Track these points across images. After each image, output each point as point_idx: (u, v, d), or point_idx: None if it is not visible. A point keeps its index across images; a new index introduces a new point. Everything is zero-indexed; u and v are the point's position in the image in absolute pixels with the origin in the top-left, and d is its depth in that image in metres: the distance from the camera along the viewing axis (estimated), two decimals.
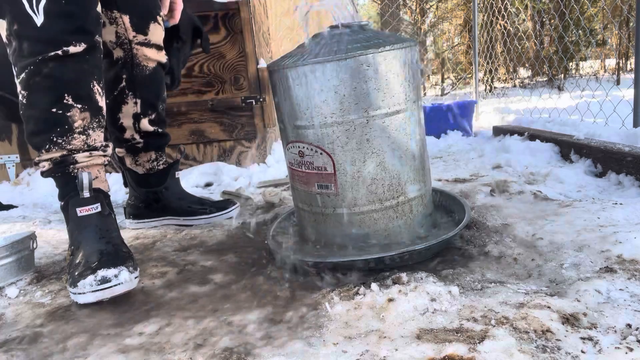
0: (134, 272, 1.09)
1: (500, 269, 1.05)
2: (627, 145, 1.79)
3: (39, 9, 1.10)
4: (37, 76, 1.14)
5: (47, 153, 1.20)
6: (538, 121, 2.86)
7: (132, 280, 1.07)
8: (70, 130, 1.18)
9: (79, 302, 1.06)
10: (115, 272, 1.05)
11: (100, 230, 1.18)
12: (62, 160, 1.20)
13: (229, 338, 0.87)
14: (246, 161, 2.61)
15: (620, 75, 8.77)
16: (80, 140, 1.21)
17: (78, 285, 1.04)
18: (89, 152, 1.23)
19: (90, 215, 1.18)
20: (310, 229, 1.26)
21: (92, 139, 1.23)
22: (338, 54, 1.07)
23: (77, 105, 1.18)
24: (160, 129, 1.61)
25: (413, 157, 1.17)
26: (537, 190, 1.61)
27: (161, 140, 1.63)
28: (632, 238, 1.04)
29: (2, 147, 2.60)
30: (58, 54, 1.13)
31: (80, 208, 1.18)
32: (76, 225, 1.18)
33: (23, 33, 1.12)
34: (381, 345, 0.77)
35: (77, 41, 1.15)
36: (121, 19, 1.44)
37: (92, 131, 1.23)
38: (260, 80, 2.52)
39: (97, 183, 1.25)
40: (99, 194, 1.23)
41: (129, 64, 1.49)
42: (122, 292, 1.06)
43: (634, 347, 0.71)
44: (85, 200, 1.18)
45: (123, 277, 1.05)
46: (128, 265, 1.09)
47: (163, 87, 1.62)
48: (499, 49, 5.52)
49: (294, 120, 1.16)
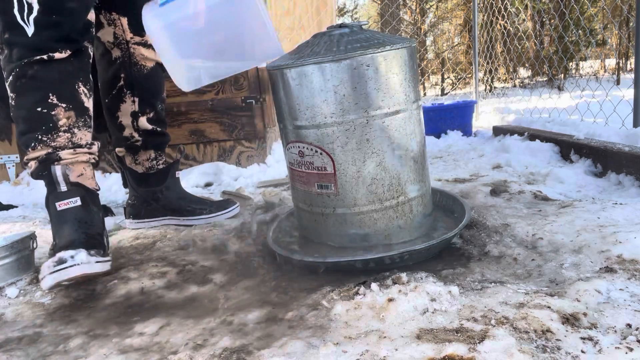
0: (96, 256, 1.09)
1: (500, 269, 1.05)
2: (627, 145, 1.79)
3: (29, 20, 1.17)
4: (24, 78, 1.20)
5: (34, 151, 1.23)
6: (538, 121, 2.86)
7: (90, 263, 1.06)
8: (55, 128, 1.22)
9: (42, 289, 1.05)
10: (72, 253, 1.05)
11: (79, 222, 1.19)
12: (47, 157, 1.22)
13: (229, 338, 0.87)
14: (246, 161, 2.61)
15: (620, 75, 8.77)
16: (65, 138, 1.23)
17: (40, 271, 1.05)
18: (73, 150, 1.25)
19: (69, 209, 1.20)
20: (310, 229, 1.26)
21: (77, 137, 1.26)
22: (338, 54, 1.07)
23: (62, 104, 1.22)
24: (159, 128, 1.61)
25: (413, 157, 1.17)
26: (537, 190, 1.61)
27: (160, 139, 1.63)
28: (632, 238, 1.04)
29: (2, 147, 2.60)
30: (43, 58, 1.19)
31: (59, 202, 1.19)
32: (57, 219, 1.20)
33: (13, 41, 1.19)
34: (381, 345, 0.77)
35: (62, 48, 1.21)
36: (119, 21, 1.47)
37: (78, 130, 1.25)
38: (260, 80, 2.52)
39: (83, 180, 1.27)
40: (80, 188, 1.24)
41: (126, 63, 1.51)
42: (79, 274, 1.03)
43: (634, 347, 0.71)
44: (64, 194, 1.21)
45: (80, 258, 1.04)
46: (92, 249, 1.09)
47: (162, 87, 1.63)
48: (499, 49, 5.52)
49: (294, 121, 1.16)
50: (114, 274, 1.21)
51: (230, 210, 1.66)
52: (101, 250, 1.14)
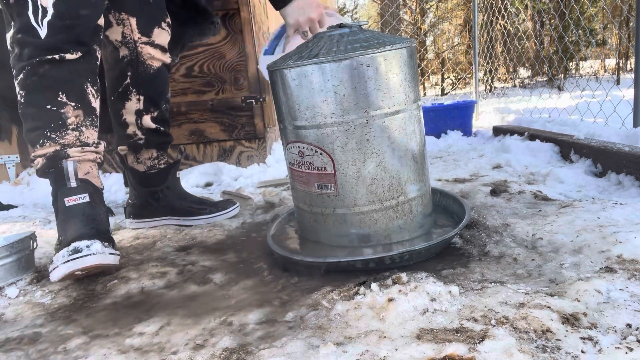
0: (109, 247, 1.11)
1: (500, 269, 1.05)
2: (627, 145, 1.79)
3: (43, 22, 1.19)
4: (34, 76, 1.22)
5: (42, 148, 1.24)
6: (538, 121, 2.86)
7: (105, 254, 1.08)
8: (63, 126, 1.24)
9: (52, 279, 1.06)
10: (88, 243, 1.07)
11: (88, 218, 1.21)
12: (55, 154, 1.24)
13: (229, 338, 0.87)
14: (246, 161, 2.61)
15: (620, 75, 8.77)
16: (73, 136, 1.26)
17: (53, 261, 1.05)
18: (81, 148, 1.27)
19: (78, 205, 1.21)
20: (310, 229, 1.26)
21: (84, 136, 1.28)
22: (338, 54, 1.07)
23: (71, 103, 1.25)
24: (163, 128, 1.62)
25: (413, 157, 1.17)
26: (537, 190, 1.61)
27: (163, 139, 1.64)
28: (632, 238, 1.04)
29: (2, 147, 2.60)
30: (55, 58, 1.21)
31: (68, 198, 1.21)
32: (64, 215, 1.21)
33: (26, 41, 1.21)
34: (381, 345, 0.77)
35: (74, 50, 1.23)
36: (128, 21, 1.48)
37: (85, 129, 1.28)
38: (260, 80, 2.52)
39: (89, 178, 1.29)
40: (88, 185, 1.26)
41: (134, 62, 1.52)
42: (94, 264, 1.04)
43: (634, 347, 0.71)
44: (73, 189, 1.22)
45: (95, 248, 1.06)
46: (104, 240, 1.11)
47: (167, 87, 1.65)
48: (499, 49, 5.52)
49: (294, 121, 1.16)
50: (114, 273, 1.21)
51: (230, 210, 1.67)
52: (114, 245, 1.17)
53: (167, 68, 1.62)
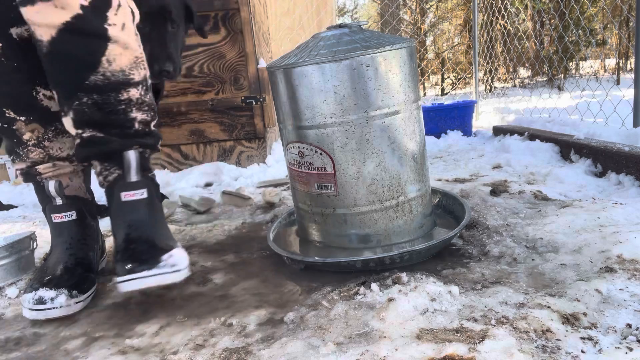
0: (78, 296, 1.05)
1: (500, 269, 1.05)
2: (627, 145, 1.79)
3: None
4: None
5: (14, 164, 1.18)
6: (538, 121, 2.86)
7: (70, 306, 1.04)
8: (23, 143, 1.13)
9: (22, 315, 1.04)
10: (53, 294, 1.02)
11: (72, 239, 1.16)
12: (27, 171, 1.17)
13: (229, 338, 0.87)
14: (246, 161, 2.61)
15: (620, 75, 8.77)
16: (37, 153, 1.14)
17: (23, 297, 1.03)
18: (52, 163, 1.17)
19: (64, 222, 1.16)
20: (310, 229, 1.26)
21: (53, 150, 1.16)
22: (338, 55, 1.07)
23: (20, 118, 1.10)
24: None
25: (413, 158, 1.17)
26: (537, 190, 1.61)
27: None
28: (632, 238, 1.04)
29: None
30: None
31: (54, 215, 1.17)
32: (53, 230, 1.18)
33: None
34: (381, 345, 0.77)
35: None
36: None
37: (49, 142, 1.14)
38: (260, 80, 2.52)
39: (71, 191, 1.21)
40: (75, 201, 1.20)
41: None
42: (58, 316, 1.02)
43: (634, 347, 0.71)
44: (59, 207, 1.16)
45: (59, 302, 1.02)
46: (72, 288, 1.05)
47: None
48: (499, 48, 5.52)
49: (293, 121, 1.16)
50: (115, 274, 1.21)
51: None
52: (84, 286, 1.09)
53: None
